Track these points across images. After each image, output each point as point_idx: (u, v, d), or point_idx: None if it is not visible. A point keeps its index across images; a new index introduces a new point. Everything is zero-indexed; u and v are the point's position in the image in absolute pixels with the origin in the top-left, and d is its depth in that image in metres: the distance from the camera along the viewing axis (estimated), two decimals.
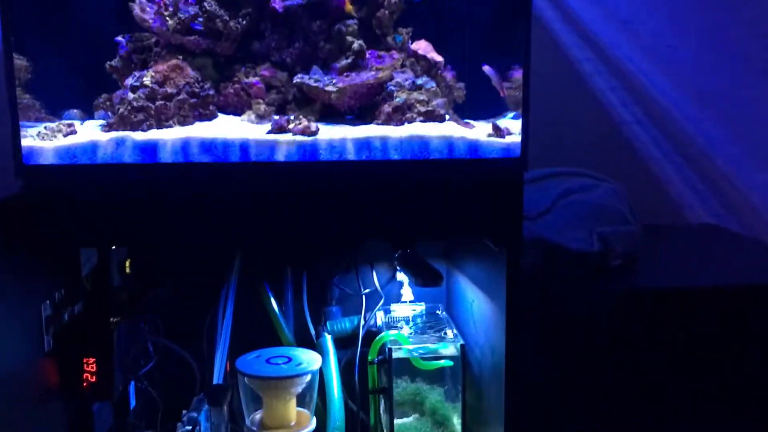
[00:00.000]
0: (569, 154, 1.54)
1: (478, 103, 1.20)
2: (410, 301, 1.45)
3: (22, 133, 0.97)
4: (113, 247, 1.17)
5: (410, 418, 1.33)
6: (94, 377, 1.03)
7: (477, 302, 1.25)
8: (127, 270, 1.21)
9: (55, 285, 1.00)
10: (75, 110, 1.13)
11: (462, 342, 1.24)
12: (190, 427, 1.27)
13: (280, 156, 1.00)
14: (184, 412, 1.30)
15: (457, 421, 1.29)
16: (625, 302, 1.13)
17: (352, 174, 1.02)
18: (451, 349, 1.26)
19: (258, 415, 1.31)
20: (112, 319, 1.09)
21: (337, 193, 1.02)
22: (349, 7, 1.11)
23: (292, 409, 1.29)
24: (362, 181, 1.02)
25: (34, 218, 0.95)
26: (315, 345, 1.40)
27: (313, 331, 1.44)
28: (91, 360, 1.02)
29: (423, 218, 1.02)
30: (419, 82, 1.11)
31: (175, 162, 0.99)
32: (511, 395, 1.07)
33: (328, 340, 1.39)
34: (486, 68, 1.12)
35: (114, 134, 1.00)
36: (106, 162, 0.98)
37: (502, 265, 1.05)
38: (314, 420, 1.30)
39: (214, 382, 1.34)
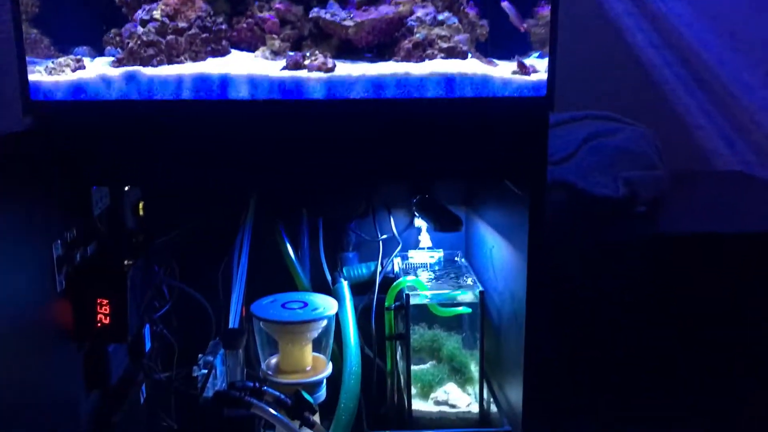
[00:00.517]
0: (596, 97, 1.48)
1: (502, 42, 1.14)
2: (428, 248, 1.43)
3: (30, 68, 0.94)
4: (126, 188, 1.14)
5: (427, 365, 1.32)
6: (107, 319, 1.01)
7: (497, 248, 1.22)
8: (141, 212, 1.19)
9: (66, 225, 0.97)
10: (85, 47, 1.09)
11: (481, 288, 1.21)
12: (206, 371, 1.26)
13: (295, 94, 0.96)
14: (200, 355, 1.30)
15: (474, 368, 1.28)
16: (649, 248, 1.09)
17: (369, 112, 0.98)
18: (469, 296, 1.24)
19: (273, 360, 1.30)
20: (126, 262, 1.07)
21: (354, 132, 0.99)
22: None
23: (308, 354, 1.28)
24: (380, 119, 0.98)
25: (43, 156, 0.92)
26: (331, 291, 1.38)
27: (329, 277, 1.42)
28: (105, 301, 1.01)
29: (443, 158, 0.99)
30: (441, 17, 1.06)
31: (186, 99, 0.96)
32: (531, 343, 1.04)
33: (345, 286, 1.37)
34: (504, 3, 1.07)
35: (124, 69, 0.96)
36: (115, 98, 0.95)
37: (524, 209, 1.02)
38: (330, 365, 1.29)
39: (230, 326, 1.33)
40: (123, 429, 1.12)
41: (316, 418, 1.18)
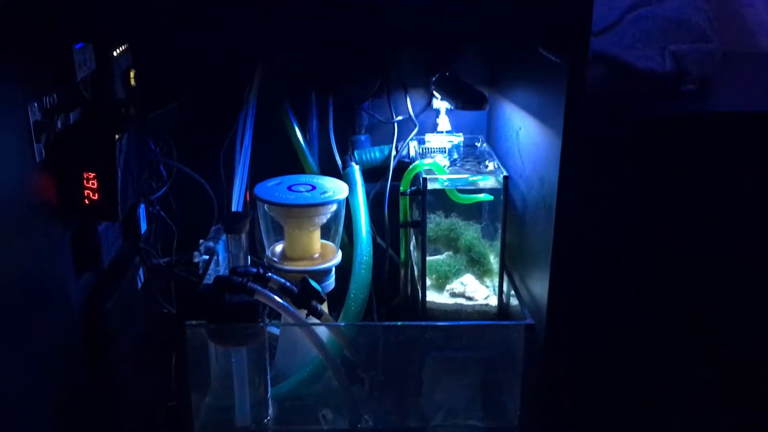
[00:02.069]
0: None
1: None
2: (447, 131, 1.32)
3: None
4: (115, 53, 1.02)
5: (443, 256, 1.23)
6: (96, 195, 0.92)
7: (524, 129, 1.11)
8: (132, 82, 1.08)
9: (45, 87, 0.87)
10: None
11: (505, 173, 1.11)
12: (207, 257, 1.19)
13: None
14: (201, 241, 1.22)
15: (494, 259, 1.19)
16: (699, 128, 0.97)
17: None
18: (491, 182, 1.14)
19: (279, 246, 1.22)
20: (116, 136, 0.96)
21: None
22: None
23: (316, 241, 1.20)
24: None
25: (13, 4, 0.80)
26: (341, 176, 1.28)
27: (339, 161, 1.32)
28: (92, 175, 0.91)
29: (472, 20, 0.86)
30: None
31: None
32: (560, 231, 0.95)
33: (356, 170, 1.28)
34: None
35: None
36: None
37: (561, 82, 0.90)
38: (339, 253, 1.21)
39: (233, 210, 1.24)
40: (118, 315, 1.05)
41: (324, 307, 1.11)
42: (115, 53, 1.03)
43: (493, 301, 1.15)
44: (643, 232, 0.98)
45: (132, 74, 1.08)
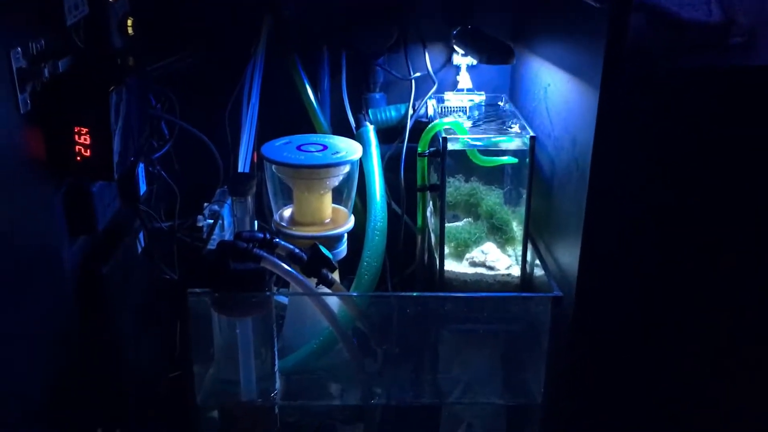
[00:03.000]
0: None
1: None
2: (468, 90, 1.23)
3: None
4: None
5: (462, 222, 1.16)
6: (88, 151, 0.85)
7: (554, 86, 1.03)
8: (130, 31, 1.00)
9: (30, 32, 0.79)
10: None
11: (532, 134, 1.02)
12: (211, 221, 1.13)
13: None
14: (205, 204, 1.15)
15: (517, 227, 1.11)
16: (747, 83, 0.88)
17: None
18: (516, 143, 1.06)
19: (288, 211, 1.15)
20: (112, 88, 0.88)
21: None
22: None
23: (327, 205, 1.12)
24: None
25: None
26: (354, 136, 1.20)
27: (352, 121, 1.25)
28: (84, 130, 0.84)
29: None
30: None
31: None
32: (595, 195, 0.87)
33: (370, 130, 1.20)
34: None
35: None
36: None
37: (599, 31, 0.81)
38: (352, 218, 1.14)
39: (239, 171, 1.17)
40: (116, 281, 0.98)
41: (336, 276, 1.04)
42: None
43: (516, 271, 1.08)
44: (685, 198, 0.89)
45: (130, 22, 1.00)
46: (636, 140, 0.88)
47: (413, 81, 1.24)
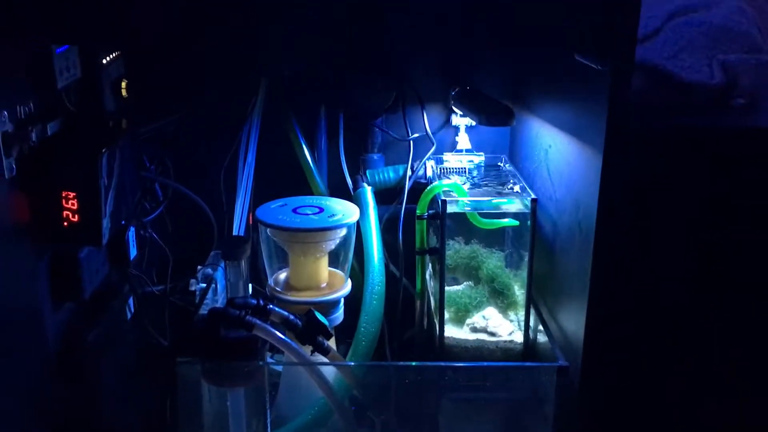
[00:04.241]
0: None
1: None
2: (467, 150, 1.22)
3: None
4: (104, 61, 0.93)
5: (462, 286, 1.12)
6: (76, 216, 0.82)
7: (555, 147, 1.01)
8: (124, 93, 0.98)
9: (18, 94, 0.77)
10: None
11: (533, 196, 1.00)
12: (204, 285, 1.09)
13: None
14: (198, 267, 1.12)
15: (519, 291, 1.08)
16: (748, 144, 0.87)
17: None
18: (517, 205, 1.03)
19: (283, 275, 1.12)
20: (103, 150, 0.86)
21: None
22: None
23: (323, 269, 1.09)
24: None
25: None
26: (352, 197, 1.18)
27: (349, 182, 1.23)
28: (71, 194, 0.81)
29: (500, 21, 0.76)
30: None
31: None
32: (599, 261, 0.84)
33: (368, 191, 1.18)
34: None
35: None
36: None
37: (601, 92, 0.80)
38: (349, 283, 1.10)
39: (234, 234, 1.14)
40: (101, 349, 0.94)
41: (331, 343, 1.00)
42: (104, 61, 0.94)
43: (519, 337, 1.04)
44: (692, 259, 0.86)
45: (124, 84, 0.98)
46: (640, 201, 0.86)
47: (411, 142, 1.23)
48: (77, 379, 0.91)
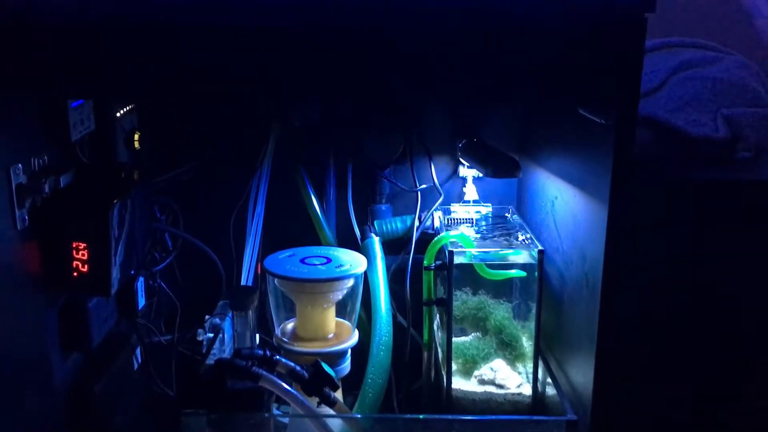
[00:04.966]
0: (683, 23, 1.23)
1: None
2: (474, 201, 1.22)
3: None
4: (118, 114, 0.95)
5: (469, 337, 1.12)
6: (85, 267, 0.83)
7: (561, 199, 1.01)
8: (137, 145, 1.00)
9: (33, 148, 0.79)
10: None
11: (540, 247, 1.00)
12: (212, 335, 1.09)
13: None
14: (207, 317, 1.12)
15: (527, 342, 1.07)
16: (754, 196, 0.87)
17: (412, 18, 0.76)
18: (524, 256, 1.03)
19: (290, 325, 1.12)
20: (114, 201, 0.87)
21: (393, 44, 0.77)
22: None
23: (331, 319, 1.09)
24: (429, 25, 0.76)
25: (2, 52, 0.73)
26: (359, 248, 1.18)
27: (357, 232, 1.23)
28: (82, 245, 0.82)
29: (503, 75, 0.77)
30: None
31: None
32: (606, 314, 0.83)
33: (376, 242, 1.18)
34: None
35: None
36: None
37: (606, 145, 0.80)
38: (356, 333, 1.10)
39: (242, 284, 1.15)
40: (109, 400, 0.94)
41: (338, 394, 0.99)
42: (118, 114, 0.96)
43: (527, 390, 1.03)
44: (702, 313, 0.86)
45: (137, 137, 1.00)
46: (647, 253, 0.86)
47: (419, 192, 1.24)
48: (84, 428, 0.90)
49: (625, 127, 0.77)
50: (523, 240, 1.06)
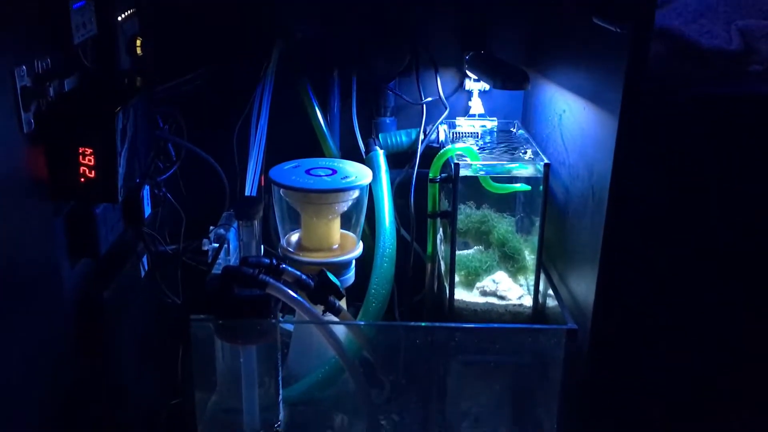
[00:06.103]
0: None
1: None
2: (480, 115, 1.21)
3: None
4: (119, 18, 0.93)
5: (473, 250, 1.13)
6: (92, 172, 0.83)
7: (569, 112, 1.00)
8: (139, 51, 0.98)
9: (36, 50, 0.77)
10: None
11: (546, 161, 1.00)
12: (216, 245, 1.10)
13: None
14: (211, 227, 1.13)
15: (529, 255, 1.09)
16: (765, 110, 0.86)
17: None
18: (529, 170, 1.03)
19: (295, 236, 1.12)
20: (118, 108, 0.86)
21: None
22: None
23: (335, 230, 1.10)
24: None
25: None
26: (364, 160, 1.18)
27: (362, 145, 1.23)
28: (88, 150, 0.82)
29: None
30: None
31: None
32: (612, 227, 0.84)
33: (380, 155, 1.18)
34: None
35: None
36: None
37: (619, 56, 0.79)
38: (360, 245, 1.11)
39: (246, 194, 1.15)
40: (117, 306, 0.96)
41: (343, 303, 1.01)
42: (120, 18, 0.93)
43: (528, 301, 1.05)
44: (707, 226, 0.86)
45: (139, 42, 0.98)
46: (655, 168, 0.86)
47: (424, 106, 1.22)
48: (93, 335, 0.92)
49: (641, 36, 0.76)
50: (529, 154, 1.05)
